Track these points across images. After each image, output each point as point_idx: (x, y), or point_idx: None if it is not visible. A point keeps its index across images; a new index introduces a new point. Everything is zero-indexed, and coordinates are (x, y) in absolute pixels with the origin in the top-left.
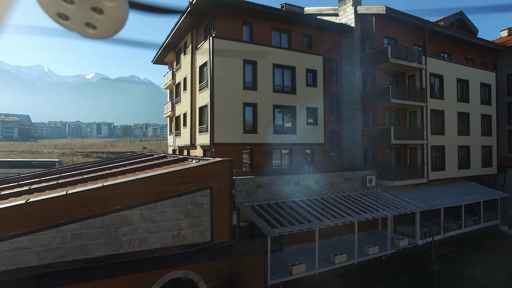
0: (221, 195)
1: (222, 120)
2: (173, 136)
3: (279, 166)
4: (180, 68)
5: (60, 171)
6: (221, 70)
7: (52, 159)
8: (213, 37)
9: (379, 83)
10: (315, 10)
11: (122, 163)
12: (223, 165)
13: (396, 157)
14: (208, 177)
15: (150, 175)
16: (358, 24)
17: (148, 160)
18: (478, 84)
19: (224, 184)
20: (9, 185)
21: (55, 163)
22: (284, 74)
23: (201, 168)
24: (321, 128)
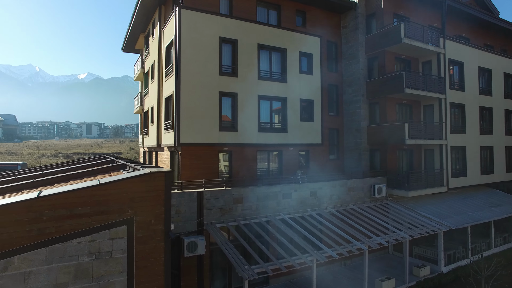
0: (148, 235)
1: (192, 114)
2: (141, 136)
3: (265, 172)
4: (149, 54)
5: None
6: (190, 50)
7: (14, 162)
8: (180, 7)
9: (389, 70)
10: None
11: (60, 169)
12: (152, 182)
13: (409, 160)
14: (124, 204)
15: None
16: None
17: (88, 166)
18: (501, 74)
19: (155, 215)
20: None
21: (17, 166)
22: (273, 57)
23: (110, 188)
24: (318, 125)
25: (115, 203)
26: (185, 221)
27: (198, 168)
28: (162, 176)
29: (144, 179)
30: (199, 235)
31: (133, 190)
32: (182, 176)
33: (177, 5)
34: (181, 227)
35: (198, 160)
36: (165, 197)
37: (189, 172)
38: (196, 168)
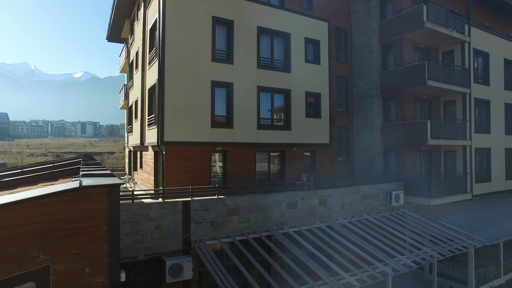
0: None
1: (178, 107)
2: (126, 134)
3: (265, 176)
4: (134, 41)
5: None
6: (176, 30)
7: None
8: None
9: (407, 60)
10: None
11: (13, 171)
12: (85, 203)
13: (427, 164)
14: (31, 243)
15: None
16: None
17: (47, 169)
18: None
19: (91, 259)
20: None
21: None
22: (275, 43)
23: (5, 215)
24: (326, 123)
25: (13, 242)
26: (168, 238)
27: (186, 172)
28: (103, 193)
29: (69, 198)
30: (185, 255)
31: (48, 219)
32: (167, 181)
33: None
34: (162, 245)
35: (186, 162)
36: (109, 228)
37: (175, 177)
38: (184, 171)
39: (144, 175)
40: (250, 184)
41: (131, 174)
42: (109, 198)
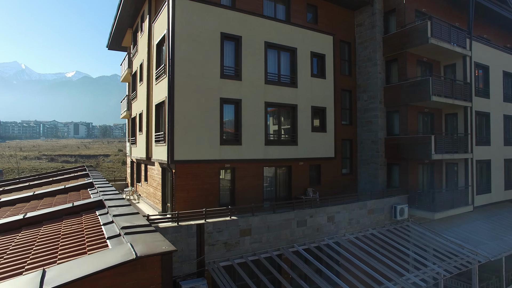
0: None
1: (188, 126)
2: (129, 144)
3: (273, 191)
4: (137, 52)
5: None
6: (186, 48)
7: None
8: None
9: (410, 75)
10: None
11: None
12: (137, 274)
13: (429, 177)
14: None
15: None
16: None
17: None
18: None
19: None
20: None
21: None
22: (281, 58)
23: None
24: (331, 137)
25: None
26: (182, 262)
27: (195, 189)
28: (157, 261)
29: (126, 269)
30: (200, 278)
31: None
32: (177, 199)
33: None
34: (177, 269)
35: (196, 180)
36: None
37: (185, 194)
38: (193, 189)
39: (149, 189)
40: (260, 204)
41: (134, 185)
42: (162, 265)
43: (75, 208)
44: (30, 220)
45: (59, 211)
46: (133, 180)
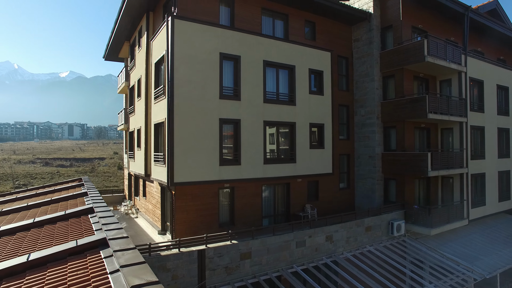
0: None
1: (187, 148)
2: (127, 157)
3: (271, 209)
4: (134, 66)
5: None
6: (185, 70)
7: None
8: (173, 16)
9: (407, 91)
10: None
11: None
12: None
13: (425, 191)
14: None
15: None
16: (377, 10)
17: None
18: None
19: None
20: None
21: None
22: (280, 76)
23: None
24: (329, 153)
25: None
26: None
27: (195, 210)
28: None
29: None
30: None
31: None
32: (177, 221)
33: (169, 14)
34: None
35: (195, 201)
36: None
37: (185, 215)
38: (193, 210)
39: (148, 206)
40: (259, 228)
41: (131, 198)
42: None
43: (79, 247)
44: (34, 263)
45: (63, 251)
46: (130, 193)
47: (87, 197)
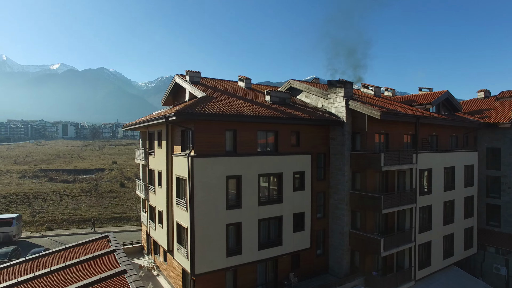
0: None
1: (205, 247)
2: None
3: (264, 281)
4: (154, 156)
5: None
6: (202, 193)
7: (9, 216)
8: (192, 157)
9: (370, 185)
10: (301, 86)
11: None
12: None
13: (383, 260)
14: None
15: None
16: (349, 118)
17: None
18: (462, 167)
19: None
20: None
21: (13, 221)
22: (271, 182)
23: None
24: (308, 233)
25: None
26: None
27: (209, 286)
28: None
29: None
30: None
31: None
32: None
33: (188, 153)
34: None
35: (209, 283)
36: None
37: None
38: (208, 286)
39: (170, 272)
40: None
41: (149, 252)
42: None
43: None
44: None
45: None
46: (149, 248)
47: (117, 255)
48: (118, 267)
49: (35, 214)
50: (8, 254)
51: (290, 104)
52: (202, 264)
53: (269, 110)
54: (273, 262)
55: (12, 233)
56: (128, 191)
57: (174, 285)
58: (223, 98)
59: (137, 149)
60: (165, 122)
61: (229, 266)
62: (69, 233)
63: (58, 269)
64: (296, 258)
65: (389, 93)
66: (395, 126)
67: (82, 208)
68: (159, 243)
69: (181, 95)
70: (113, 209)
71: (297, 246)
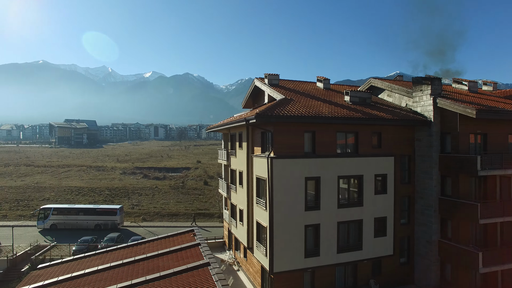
0: None
1: (282, 246)
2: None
3: (342, 282)
4: (235, 156)
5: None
6: (280, 195)
7: (114, 206)
8: (271, 158)
9: (463, 191)
10: (383, 85)
11: None
12: None
13: (483, 278)
14: None
15: None
16: (438, 117)
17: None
18: None
19: None
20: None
21: (117, 211)
22: (350, 185)
23: None
24: (390, 239)
25: None
26: None
27: (287, 286)
28: None
29: None
30: None
31: None
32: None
33: (268, 154)
34: None
35: (287, 281)
36: None
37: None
38: (286, 285)
39: (249, 269)
40: None
41: (231, 247)
42: None
43: None
44: None
45: None
46: (231, 243)
47: (201, 249)
48: (202, 259)
49: (133, 206)
50: (114, 238)
51: (371, 104)
52: (280, 262)
53: (348, 111)
54: (352, 266)
55: (117, 221)
56: (211, 189)
57: (254, 281)
58: (302, 99)
59: (219, 150)
60: (246, 125)
61: (307, 267)
62: (160, 225)
63: (152, 256)
64: (377, 264)
65: (488, 87)
66: (496, 125)
67: (171, 203)
68: (239, 239)
69: (260, 97)
70: (197, 205)
71: (378, 252)
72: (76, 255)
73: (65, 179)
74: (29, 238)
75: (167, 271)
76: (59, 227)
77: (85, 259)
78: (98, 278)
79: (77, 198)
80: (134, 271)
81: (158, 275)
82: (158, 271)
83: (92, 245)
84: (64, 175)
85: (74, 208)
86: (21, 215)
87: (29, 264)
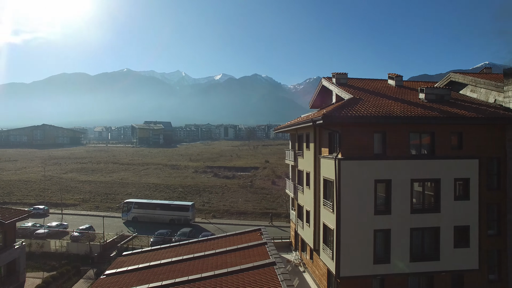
0: None
1: (349, 250)
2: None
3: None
4: (304, 157)
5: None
6: (349, 196)
7: (186, 203)
8: (339, 160)
9: None
10: (465, 80)
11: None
12: None
13: None
14: None
15: None
16: None
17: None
18: None
19: None
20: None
21: (189, 207)
22: (425, 189)
23: None
24: (475, 251)
25: None
26: None
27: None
28: None
29: None
30: None
31: None
32: None
33: (335, 156)
34: None
35: (354, 286)
36: None
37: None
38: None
39: (315, 271)
40: None
41: (297, 248)
42: None
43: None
44: None
45: None
46: (297, 244)
47: (268, 248)
48: (268, 258)
49: (204, 204)
50: (187, 233)
51: (450, 101)
52: (347, 267)
53: (423, 109)
54: (428, 278)
55: (189, 217)
56: (278, 189)
57: (320, 284)
58: (371, 99)
59: (286, 150)
60: (313, 125)
61: (376, 274)
62: (228, 222)
63: (220, 252)
64: (459, 279)
65: None
66: None
67: (239, 201)
68: (306, 241)
69: (328, 97)
70: (265, 205)
71: (459, 265)
72: (153, 246)
73: (144, 176)
74: (115, 228)
75: (234, 267)
76: (139, 219)
77: (161, 251)
78: (171, 268)
79: (154, 194)
80: (203, 265)
81: (226, 271)
82: (226, 267)
83: (167, 238)
84: (144, 173)
85: (152, 203)
86: (109, 207)
87: (116, 251)
